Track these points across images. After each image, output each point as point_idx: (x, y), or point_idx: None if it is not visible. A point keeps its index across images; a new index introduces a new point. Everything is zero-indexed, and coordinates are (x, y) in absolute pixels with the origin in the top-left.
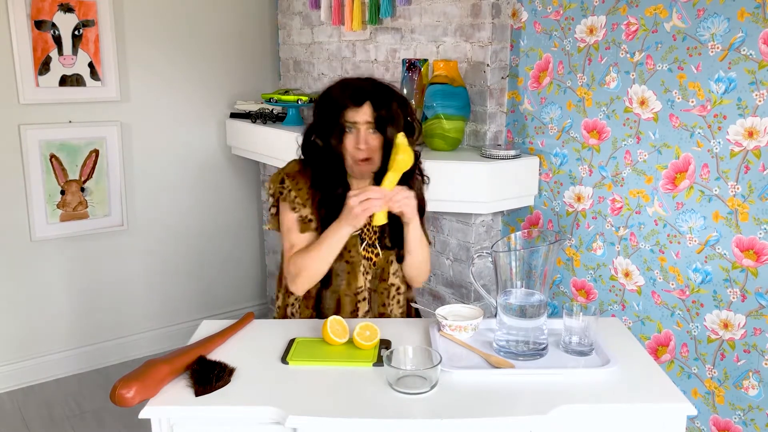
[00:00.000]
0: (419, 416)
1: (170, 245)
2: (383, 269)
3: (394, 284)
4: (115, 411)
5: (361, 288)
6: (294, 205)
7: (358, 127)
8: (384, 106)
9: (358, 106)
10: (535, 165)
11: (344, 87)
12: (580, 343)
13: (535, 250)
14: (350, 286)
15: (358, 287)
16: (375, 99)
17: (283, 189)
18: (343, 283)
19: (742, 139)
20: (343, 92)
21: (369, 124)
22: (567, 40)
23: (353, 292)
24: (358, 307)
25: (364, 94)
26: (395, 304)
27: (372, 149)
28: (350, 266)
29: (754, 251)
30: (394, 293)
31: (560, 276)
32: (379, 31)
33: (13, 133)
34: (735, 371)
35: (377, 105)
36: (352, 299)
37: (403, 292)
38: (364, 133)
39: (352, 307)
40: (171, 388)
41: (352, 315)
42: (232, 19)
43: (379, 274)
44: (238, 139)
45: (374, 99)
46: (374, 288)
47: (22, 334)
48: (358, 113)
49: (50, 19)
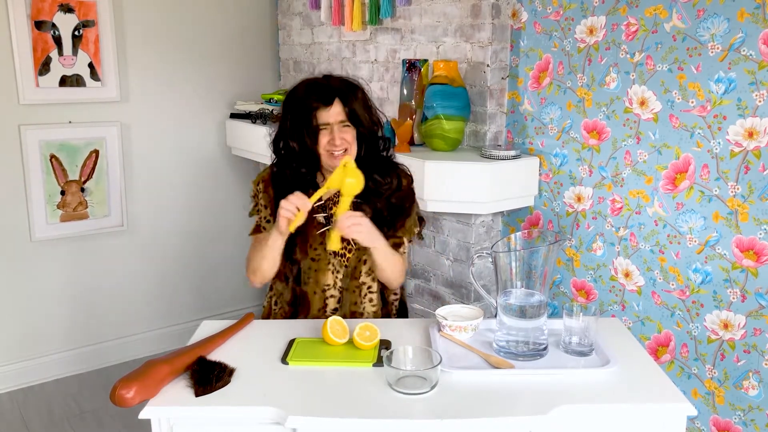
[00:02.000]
0: (419, 416)
1: (170, 245)
2: (355, 267)
3: (365, 283)
4: (115, 411)
5: (329, 285)
6: (259, 207)
7: (331, 125)
8: (352, 100)
9: (328, 106)
10: (535, 165)
11: (309, 88)
12: (580, 343)
13: (535, 250)
14: (318, 283)
15: (326, 284)
16: (342, 95)
17: (257, 191)
18: (310, 280)
19: (742, 139)
20: (309, 94)
21: (341, 122)
22: (567, 40)
23: (321, 289)
24: (327, 303)
25: (332, 92)
26: (367, 302)
27: (347, 142)
28: (316, 263)
29: (754, 251)
30: (366, 291)
31: (560, 276)
32: (379, 32)
33: (13, 134)
34: (735, 371)
35: (346, 101)
36: (320, 296)
37: (375, 290)
38: (337, 129)
39: (320, 304)
40: (171, 389)
41: (321, 312)
42: (232, 19)
43: (351, 272)
44: (238, 140)
45: (342, 95)
46: (345, 286)
47: (22, 335)
48: (329, 113)
49: (50, 20)
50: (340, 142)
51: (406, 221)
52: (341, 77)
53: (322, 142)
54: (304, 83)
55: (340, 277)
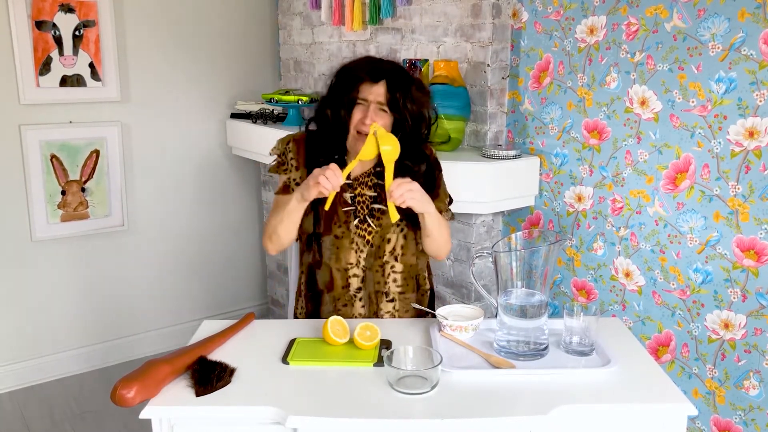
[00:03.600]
0: (420, 416)
1: (170, 245)
2: (379, 247)
3: (389, 262)
4: (115, 411)
5: (352, 264)
6: (287, 166)
7: (369, 103)
8: (399, 89)
9: (374, 83)
10: (536, 165)
11: (365, 62)
12: (580, 343)
13: (536, 250)
14: (339, 260)
15: (348, 263)
16: (392, 79)
17: (286, 149)
18: (332, 257)
19: (742, 139)
20: (362, 67)
21: (380, 104)
22: (567, 40)
23: (343, 267)
24: (350, 282)
25: (383, 72)
26: (392, 282)
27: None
28: (339, 241)
29: (755, 251)
30: (389, 271)
31: (561, 276)
32: (379, 32)
33: (13, 134)
34: (736, 371)
35: (392, 86)
36: (343, 274)
37: (400, 271)
38: (372, 109)
39: (343, 282)
40: (171, 389)
41: (344, 290)
42: (232, 19)
43: (375, 252)
44: (238, 140)
45: (391, 79)
46: (369, 266)
47: (23, 334)
48: (372, 91)
49: (51, 20)
50: (371, 122)
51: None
52: (402, 67)
53: (355, 118)
54: (364, 57)
55: (363, 255)
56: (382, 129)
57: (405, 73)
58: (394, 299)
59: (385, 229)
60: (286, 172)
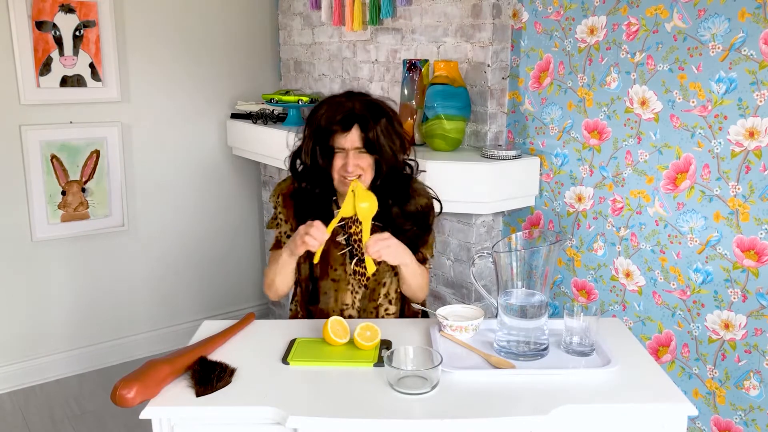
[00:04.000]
0: (420, 416)
1: (171, 246)
2: (374, 290)
3: (382, 305)
4: (115, 411)
5: (348, 305)
6: (278, 221)
7: (347, 151)
8: (372, 128)
9: (346, 131)
10: (536, 165)
11: (331, 110)
12: (580, 343)
13: (536, 250)
14: (337, 302)
15: (344, 303)
16: (363, 121)
17: (276, 204)
18: (330, 300)
19: (742, 139)
20: (331, 116)
21: (357, 149)
22: (567, 40)
23: (339, 308)
24: None
25: (352, 117)
26: None
27: (361, 169)
28: (336, 284)
29: (755, 251)
30: (383, 313)
31: (561, 276)
32: (379, 32)
33: (14, 134)
34: (736, 371)
35: (365, 127)
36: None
37: (393, 313)
38: (352, 156)
39: None
40: (172, 389)
41: None
42: (232, 19)
43: (369, 294)
44: (238, 140)
45: (362, 122)
46: (363, 307)
47: (23, 335)
48: (347, 138)
49: (51, 20)
50: (353, 168)
51: (428, 238)
52: (369, 99)
53: (336, 165)
54: (327, 101)
55: (358, 297)
56: (360, 186)
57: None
58: None
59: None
60: (278, 227)
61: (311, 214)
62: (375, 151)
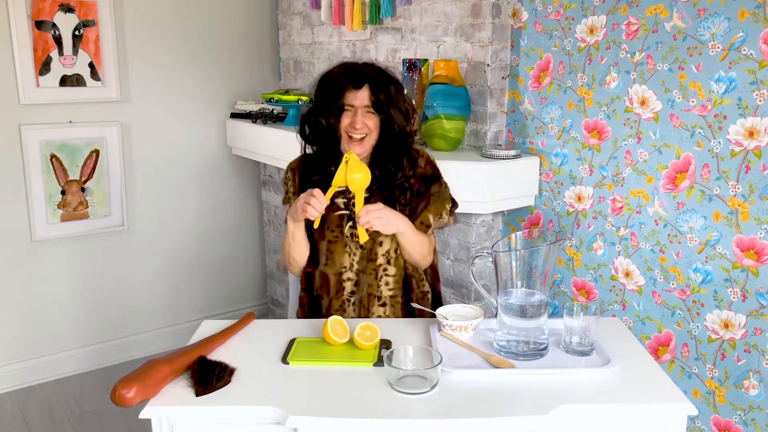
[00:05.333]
0: (420, 416)
1: (170, 245)
2: (371, 249)
3: (381, 265)
4: (115, 411)
5: (346, 267)
6: (289, 195)
7: (356, 109)
8: (382, 90)
9: (357, 89)
10: (536, 165)
11: (344, 70)
12: (580, 343)
13: (536, 250)
14: (334, 264)
15: (342, 266)
16: (373, 82)
17: (287, 179)
18: (328, 261)
19: (742, 138)
20: (343, 75)
21: (366, 107)
22: (567, 40)
23: (337, 271)
24: (344, 286)
25: (364, 77)
26: (383, 285)
27: (368, 128)
28: (333, 245)
29: (755, 251)
30: (382, 274)
31: (561, 276)
32: (379, 31)
33: (13, 134)
34: (735, 371)
35: (375, 88)
36: (337, 278)
37: (392, 274)
38: (360, 114)
39: (337, 286)
40: (171, 389)
41: (338, 294)
42: (232, 19)
43: (367, 254)
44: (238, 140)
45: (373, 82)
46: (362, 269)
47: (23, 334)
48: (356, 96)
49: (50, 19)
50: (361, 125)
51: (430, 201)
52: (379, 67)
53: (344, 122)
54: (341, 65)
55: (356, 259)
56: (354, 157)
57: (383, 73)
58: (386, 303)
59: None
60: (289, 200)
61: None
62: (383, 111)
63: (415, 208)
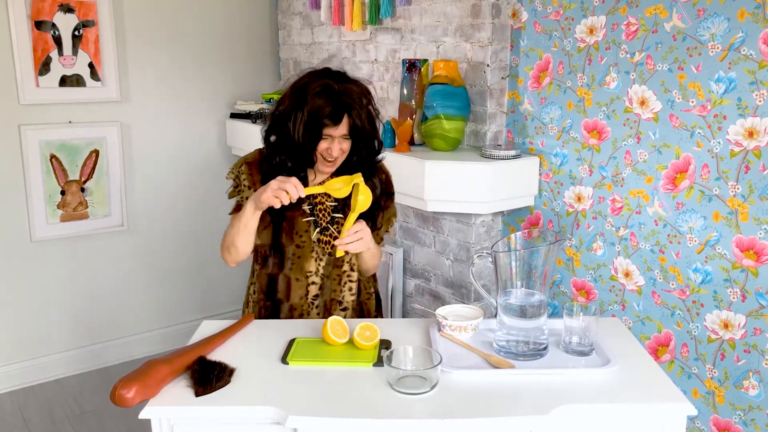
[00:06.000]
0: (419, 416)
1: (170, 245)
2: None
3: (346, 272)
4: (115, 411)
5: (312, 272)
6: (241, 187)
7: (334, 138)
8: (358, 115)
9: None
10: (535, 165)
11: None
12: (580, 343)
13: (536, 250)
14: (301, 269)
15: (308, 271)
16: (351, 110)
17: (239, 172)
18: (293, 266)
19: (742, 139)
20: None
21: (344, 135)
22: (567, 40)
23: (303, 276)
24: (309, 290)
25: (343, 108)
26: (347, 291)
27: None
28: (300, 250)
29: (755, 251)
30: (346, 280)
31: (560, 276)
32: (379, 32)
33: (13, 134)
34: (735, 371)
35: (354, 117)
36: (303, 282)
37: (355, 280)
38: (338, 142)
39: (302, 291)
40: (171, 389)
41: (302, 299)
42: (232, 19)
43: (333, 260)
44: (238, 140)
45: (351, 110)
46: (327, 274)
47: (22, 335)
48: (336, 129)
49: (50, 20)
50: (338, 153)
51: (386, 214)
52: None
53: (321, 147)
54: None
55: (322, 264)
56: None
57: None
58: (347, 308)
59: None
60: (239, 193)
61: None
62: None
63: (376, 221)
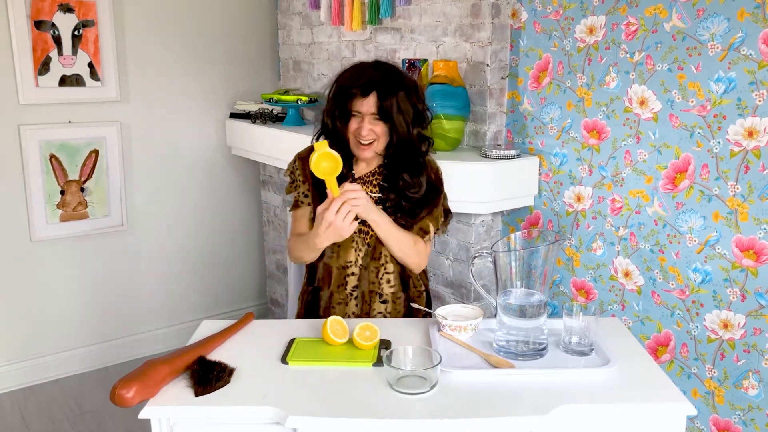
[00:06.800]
0: (419, 416)
1: (170, 245)
2: (375, 248)
3: (384, 264)
4: (115, 411)
5: (351, 262)
6: (296, 183)
7: (363, 115)
8: (389, 98)
9: (364, 97)
10: (535, 165)
11: (355, 74)
12: (580, 343)
13: (535, 250)
14: (339, 258)
15: (347, 261)
16: (382, 89)
17: (294, 168)
18: (333, 255)
19: (741, 139)
20: (353, 80)
21: (373, 114)
22: (567, 40)
23: (342, 265)
24: (347, 281)
25: (372, 84)
26: (385, 283)
27: (375, 134)
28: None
29: (754, 251)
30: (383, 272)
31: (560, 276)
32: (378, 31)
33: (12, 134)
34: (735, 371)
35: (383, 95)
36: (341, 272)
37: (392, 271)
38: (367, 121)
39: (340, 281)
40: (171, 389)
41: (341, 288)
42: (232, 19)
43: (371, 252)
44: (238, 140)
45: (381, 89)
46: (365, 265)
47: (22, 335)
48: (363, 104)
49: (50, 20)
50: (367, 132)
51: (433, 210)
52: (393, 69)
53: (352, 127)
54: (355, 66)
55: (361, 255)
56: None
57: (395, 79)
58: (387, 300)
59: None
60: (296, 189)
61: None
62: (388, 119)
63: (416, 214)
